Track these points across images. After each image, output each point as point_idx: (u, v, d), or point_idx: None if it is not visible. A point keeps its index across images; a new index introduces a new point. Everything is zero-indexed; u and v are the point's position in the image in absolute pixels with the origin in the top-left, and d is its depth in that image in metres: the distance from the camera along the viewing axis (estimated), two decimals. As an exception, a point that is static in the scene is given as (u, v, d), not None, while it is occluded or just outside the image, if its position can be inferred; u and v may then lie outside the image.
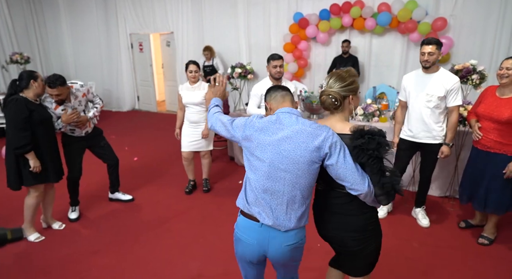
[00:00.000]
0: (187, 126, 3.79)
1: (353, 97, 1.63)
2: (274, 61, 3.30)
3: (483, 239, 2.86)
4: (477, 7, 5.18)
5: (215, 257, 2.82)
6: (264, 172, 1.54)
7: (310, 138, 1.48)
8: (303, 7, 6.29)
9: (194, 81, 3.69)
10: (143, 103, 8.73)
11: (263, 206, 1.57)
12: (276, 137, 1.52)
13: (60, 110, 3.12)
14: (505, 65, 2.53)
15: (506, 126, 2.54)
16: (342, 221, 1.65)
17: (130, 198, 3.79)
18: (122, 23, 8.11)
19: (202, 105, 3.74)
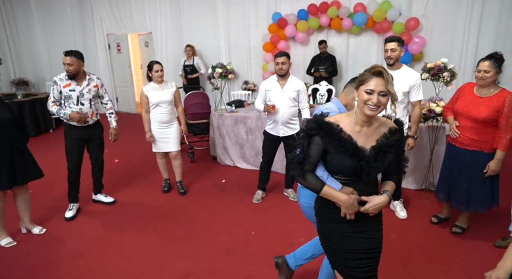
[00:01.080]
0: (156, 127, 3.75)
1: (355, 91, 1.59)
2: (276, 58, 3.37)
3: (456, 228, 3.02)
4: (446, 7, 5.43)
5: (202, 255, 2.85)
6: None
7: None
8: (282, 7, 6.38)
9: (160, 80, 3.68)
10: (122, 104, 8.60)
11: None
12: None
13: (68, 90, 3.23)
14: (482, 67, 2.56)
15: (483, 124, 2.62)
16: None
17: (112, 200, 3.76)
18: (98, 23, 7.96)
19: (173, 103, 3.76)
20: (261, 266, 2.68)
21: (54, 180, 4.18)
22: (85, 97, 3.30)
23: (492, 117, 2.56)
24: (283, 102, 3.40)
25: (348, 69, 6.37)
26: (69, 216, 3.45)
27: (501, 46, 5.27)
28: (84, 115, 3.27)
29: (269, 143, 3.58)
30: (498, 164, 2.63)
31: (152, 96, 3.66)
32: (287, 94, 3.40)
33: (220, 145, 4.79)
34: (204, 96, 5.11)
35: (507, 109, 2.51)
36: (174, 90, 3.76)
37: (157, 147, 3.84)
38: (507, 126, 2.54)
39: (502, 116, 2.53)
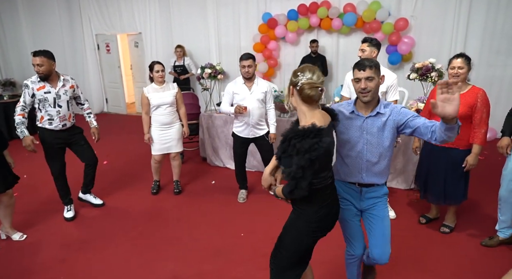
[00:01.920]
0: (157, 129, 3.70)
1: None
2: (242, 61, 3.35)
3: (444, 227, 3.04)
4: (434, 8, 5.48)
5: (190, 258, 2.81)
6: None
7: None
8: (272, 7, 6.37)
9: (161, 81, 3.64)
10: (112, 105, 8.50)
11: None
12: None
13: (43, 92, 3.09)
14: (456, 64, 2.63)
15: (460, 121, 2.68)
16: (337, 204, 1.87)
17: (101, 203, 3.69)
18: (86, 23, 7.85)
19: (174, 105, 3.71)
20: (250, 268, 2.66)
21: (39, 183, 4.11)
22: (62, 99, 3.18)
23: (467, 113, 2.64)
24: (252, 104, 3.41)
25: (339, 69, 6.38)
26: (70, 216, 3.41)
27: (488, 46, 5.34)
28: (34, 151, 3.08)
29: (240, 144, 3.61)
30: (475, 158, 2.70)
31: (152, 97, 3.60)
32: (255, 96, 3.42)
33: (210, 146, 4.75)
34: (193, 97, 5.07)
35: (480, 104, 2.61)
36: (176, 91, 3.70)
37: (157, 149, 3.76)
38: (481, 121, 2.63)
39: (476, 111, 2.62)
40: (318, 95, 1.64)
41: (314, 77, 1.63)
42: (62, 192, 3.43)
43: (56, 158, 3.28)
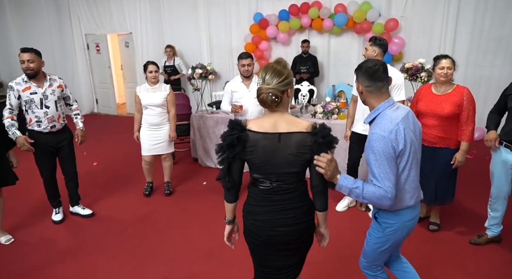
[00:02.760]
0: (146, 129, 3.69)
1: (289, 90, 1.59)
2: (242, 60, 3.41)
3: (433, 225, 3.07)
4: (424, 9, 5.54)
5: (181, 259, 2.79)
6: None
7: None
8: (263, 7, 6.37)
9: (154, 81, 3.62)
10: (102, 106, 8.41)
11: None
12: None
13: (29, 93, 3.00)
14: (445, 64, 2.68)
15: (447, 121, 2.72)
16: (288, 215, 1.62)
17: (90, 213, 3.51)
18: (76, 23, 7.76)
19: (164, 107, 3.68)
20: (243, 269, 2.64)
21: (29, 186, 4.03)
22: (50, 99, 3.09)
23: (455, 112, 2.69)
24: (250, 102, 3.43)
25: (330, 69, 6.41)
26: (58, 219, 3.34)
27: (476, 46, 5.41)
28: (30, 149, 3.00)
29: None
30: (463, 155, 2.75)
31: (143, 97, 3.61)
32: (254, 94, 3.39)
33: (201, 146, 4.73)
34: (184, 97, 5.04)
35: (466, 102, 2.67)
36: (167, 93, 3.67)
37: (146, 150, 3.73)
38: (468, 118, 2.69)
39: (463, 109, 2.68)
40: (270, 100, 1.52)
41: (267, 78, 1.54)
42: (50, 194, 3.36)
43: (46, 161, 3.20)
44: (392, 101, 1.68)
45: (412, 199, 1.72)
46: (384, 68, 1.66)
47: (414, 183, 1.70)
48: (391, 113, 1.62)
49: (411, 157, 1.63)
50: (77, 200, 3.54)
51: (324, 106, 4.13)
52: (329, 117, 4.11)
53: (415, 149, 1.65)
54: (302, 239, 1.68)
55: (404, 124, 1.60)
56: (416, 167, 1.70)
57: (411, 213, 1.75)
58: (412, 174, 1.68)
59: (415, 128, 1.69)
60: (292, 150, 1.55)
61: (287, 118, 1.59)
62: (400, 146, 1.58)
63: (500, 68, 5.36)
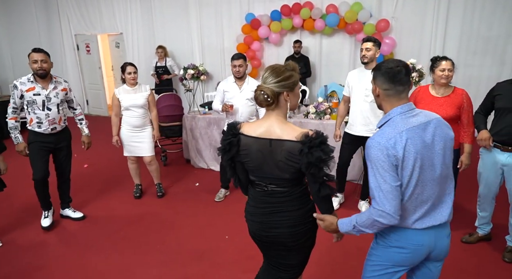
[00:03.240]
0: (128, 131, 3.62)
1: (289, 94, 1.53)
2: (233, 61, 3.43)
3: None
4: (414, 9, 5.59)
5: (174, 262, 2.76)
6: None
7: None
8: (255, 8, 6.37)
9: (133, 83, 3.56)
10: (93, 107, 8.31)
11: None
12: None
13: (32, 94, 2.97)
14: (446, 66, 2.65)
15: (449, 123, 2.71)
16: (284, 218, 1.61)
17: (81, 216, 3.46)
18: (65, 23, 7.66)
19: (146, 108, 3.65)
20: (235, 270, 2.63)
21: (18, 189, 3.96)
22: (53, 102, 3.06)
23: (456, 114, 2.70)
24: (241, 102, 3.46)
25: (322, 70, 6.42)
26: (46, 224, 3.24)
27: (465, 47, 5.48)
28: (26, 156, 3.02)
29: None
30: (469, 157, 2.75)
31: (123, 99, 3.53)
32: (245, 95, 3.47)
33: (194, 147, 4.70)
34: (176, 98, 5.00)
35: (466, 104, 2.69)
36: (148, 93, 3.63)
37: (128, 151, 3.70)
38: (469, 120, 2.71)
39: (463, 112, 2.70)
40: (261, 98, 1.52)
41: (265, 77, 1.54)
42: (41, 198, 3.28)
43: (41, 162, 3.12)
44: (409, 107, 1.44)
45: (416, 222, 1.44)
46: (407, 70, 1.45)
47: (421, 205, 1.43)
48: (400, 120, 1.42)
49: (416, 172, 1.38)
50: (68, 202, 3.50)
51: (317, 106, 4.13)
52: (321, 117, 4.12)
53: (422, 165, 1.39)
54: (299, 241, 1.65)
55: (412, 134, 1.38)
56: (425, 186, 1.42)
57: (416, 238, 1.46)
58: (417, 192, 1.41)
59: (434, 142, 1.41)
60: (282, 158, 1.53)
61: (282, 124, 1.54)
62: (399, 155, 1.36)
63: (489, 68, 5.44)
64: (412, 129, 1.40)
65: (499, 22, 5.22)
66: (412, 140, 1.38)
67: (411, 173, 1.38)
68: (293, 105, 1.60)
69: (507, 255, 2.64)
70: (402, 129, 1.39)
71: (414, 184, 1.40)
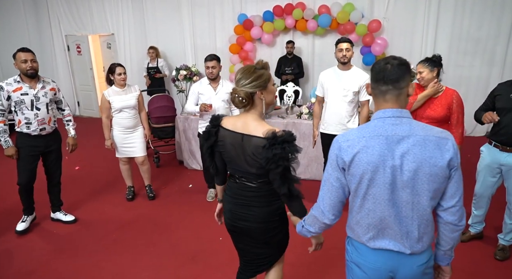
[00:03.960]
0: (120, 132, 3.59)
1: (263, 92, 1.59)
2: (206, 62, 3.40)
3: None
4: (405, 10, 5.64)
5: (166, 264, 2.74)
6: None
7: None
8: (247, 8, 6.36)
9: (123, 84, 3.53)
10: (84, 108, 8.22)
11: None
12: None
13: (20, 94, 2.92)
14: (419, 69, 2.76)
15: (439, 123, 2.75)
16: (251, 212, 1.70)
17: (72, 219, 3.42)
18: (55, 23, 7.56)
19: (137, 108, 3.62)
20: (228, 272, 2.61)
21: (5, 192, 3.89)
22: (41, 101, 3.01)
23: (447, 114, 2.73)
24: (217, 104, 3.44)
25: (315, 70, 6.43)
26: (20, 229, 3.17)
27: (455, 47, 5.54)
28: (16, 156, 2.97)
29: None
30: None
31: (114, 100, 3.48)
32: (220, 97, 3.47)
33: (187, 149, 4.67)
34: (168, 99, 4.97)
35: (455, 105, 2.72)
36: (138, 94, 3.61)
37: (120, 153, 3.67)
38: (458, 121, 2.74)
39: (453, 112, 2.73)
40: (237, 101, 1.60)
41: (237, 79, 1.61)
42: (24, 203, 3.22)
43: (27, 166, 3.06)
44: (392, 113, 1.26)
45: (370, 241, 1.33)
46: (399, 69, 1.25)
47: (374, 223, 1.30)
48: (374, 125, 1.28)
49: (363, 184, 1.27)
50: (59, 206, 3.44)
51: (310, 106, 4.14)
52: (314, 117, 4.12)
53: (374, 179, 1.24)
54: (266, 236, 1.73)
55: (373, 143, 1.24)
56: (378, 204, 1.27)
57: (371, 257, 1.34)
58: (369, 207, 1.29)
59: (402, 160, 1.21)
60: (250, 153, 1.59)
61: (255, 121, 1.61)
62: (346, 159, 1.27)
63: (479, 68, 5.51)
64: (378, 138, 1.24)
65: (488, 24, 5.29)
66: (369, 149, 1.24)
67: (358, 183, 1.28)
68: (269, 100, 1.65)
69: (498, 253, 2.67)
70: (366, 135, 1.26)
71: (362, 195, 1.29)
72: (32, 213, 3.31)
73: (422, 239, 1.30)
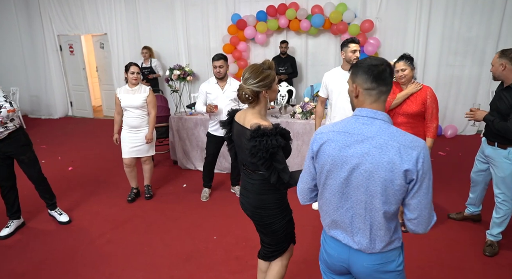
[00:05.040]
0: (126, 131, 3.65)
1: (267, 91, 1.75)
2: (214, 62, 3.44)
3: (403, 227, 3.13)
4: (397, 10, 5.69)
5: (160, 264, 2.74)
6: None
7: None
8: (241, 8, 6.36)
9: (135, 83, 3.57)
10: (77, 109, 8.16)
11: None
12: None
13: None
14: (399, 67, 2.81)
15: (415, 118, 2.86)
16: (249, 199, 1.87)
17: (66, 220, 3.38)
18: (47, 23, 7.49)
19: (143, 109, 3.63)
20: (222, 271, 2.63)
21: None
22: None
23: (421, 110, 2.82)
24: (224, 103, 3.48)
25: (308, 70, 6.47)
26: (3, 234, 3.12)
27: (447, 47, 5.61)
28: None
29: (214, 144, 3.66)
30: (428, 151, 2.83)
31: (122, 99, 3.57)
32: (228, 95, 3.51)
33: (181, 149, 4.67)
34: (162, 99, 4.96)
35: (430, 100, 2.81)
36: (147, 95, 3.61)
37: (125, 153, 3.68)
38: (432, 116, 2.83)
39: (427, 107, 2.82)
40: (243, 98, 1.76)
41: (245, 77, 1.76)
42: (7, 204, 3.18)
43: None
44: (367, 112, 1.29)
45: (327, 226, 1.43)
46: (391, 70, 1.31)
47: (329, 212, 1.39)
48: (347, 121, 1.33)
49: (323, 175, 1.35)
50: (52, 204, 3.41)
51: (303, 106, 4.16)
52: (307, 117, 4.15)
53: (331, 171, 1.32)
54: (262, 223, 1.87)
55: (337, 137, 1.30)
56: (332, 196, 1.35)
57: (329, 243, 1.43)
58: (326, 196, 1.37)
59: (361, 161, 1.25)
60: (244, 143, 1.75)
61: (253, 115, 1.76)
62: (314, 149, 1.36)
63: (469, 68, 5.58)
64: (344, 134, 1.29)
65: (478, 24, 5.37)
66: (332, 143, 1.30)
67: (320, 172, 1.37)
68: (272, 97, 1.82)
69: (487, 249, 2.73)
70: (335, 130, 1.32)
71: (322, 184, 1.38)
72: (17, 218, 3.26)
73: (375, 241, 1.31)
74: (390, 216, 1.29)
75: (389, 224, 1.30)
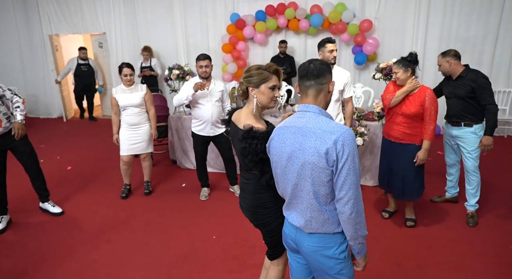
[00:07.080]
0: (125, 129, 3.67)
1: (253, 89, 1.74)
2: (199, 61, 3.43)
3: (409, 221, 3.15)
4: (396, 10, 5.70)
5: (158, 264, 2.74)
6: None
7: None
8: (240, 8, 6.36)
9: (129, 84, 3.60)
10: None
11: None
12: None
13: None
14: (394, 70, 2.86)
15: (413, 119, 2.86)
16: (245, 199, 1.91)
17: (60, 211, 3.47)
18: (46, 23, 7.47)
19: (142, 107, 3.66)
20: (220, 271, 2.63)
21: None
22: None
23: (419, 111, 2.82)
24: (210, 102, 3.48)
25: (307, 70, 6.46)
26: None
27: (445, 47, 5.59)
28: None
29: (200, 144, 3.66)
30: (425, 153, 2.88)
31: (120, 98, 3.58)
32: (213, 95, 3.51)
33: (180, 148, 4.66)
34: (161, 98, 4.96)
35: (428, 103, 2.80)
36: (144, 93, 3.66)
37: (123, 150, 3.70)
38: (430, 118, 2.82)
39: (425, 109, 2.82)
40: (239, 89, 1.82)
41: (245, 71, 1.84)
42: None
43: None
44: (301, 108, 1.49)
45: (284, 207, 1.63)
46: (316, 66, 1.47)
47: (283, 194, 1.59)
48: (289, 118, 1.53)
49: (273, 166, 1.58)
50: (47, 196, 3.47)
51: (301, 106, 4.17)
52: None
53: (276, 163, 1.52)
54: (258, 222, 1.89)
55: (279, 132, 1.51)
56: (281, 181, 1.54)
57: (286, 223, 1.64)
58: (277, 182, 1.59)
59: (294, 148, 1.43)
60: (237, 143, 1.75)
61: (245, 115, 1.77)
62: (268, 144, 1.60)
63: (468, 68, 5.58)
64: (284, 129, 1.49)
65: (476, 24, 5.38)
66: (276, 138, 1.51)
67: (272, 162, 1.59)
68: (261, 101, 1.75)
69: (470, 221, 2.96)
70: (281, 125, 1.53)
71: (274, 173, 1.59)
72: (5, 213, 3.28)
73: (311, 222, 1.47)
74: (323, 198, 1.43)
75: (323, 206, 1.44)
